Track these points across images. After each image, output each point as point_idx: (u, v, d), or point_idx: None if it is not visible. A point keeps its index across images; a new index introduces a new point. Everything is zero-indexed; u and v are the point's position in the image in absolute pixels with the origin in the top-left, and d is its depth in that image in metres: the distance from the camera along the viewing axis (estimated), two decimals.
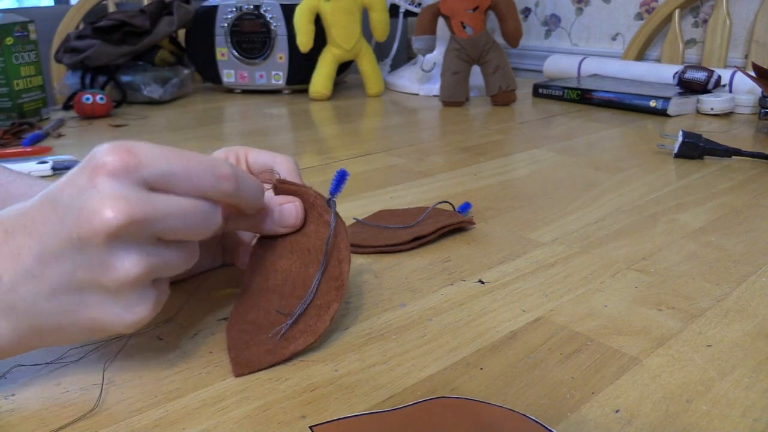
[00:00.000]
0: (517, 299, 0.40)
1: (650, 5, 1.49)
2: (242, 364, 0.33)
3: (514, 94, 1.08)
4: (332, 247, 0.36)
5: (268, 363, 0.33)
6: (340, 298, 0.34)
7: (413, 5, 1.24)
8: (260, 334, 0.34)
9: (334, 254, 0.36)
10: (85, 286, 0.28)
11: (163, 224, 0.28)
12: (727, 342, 0.35)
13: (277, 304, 0.36)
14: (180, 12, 1.14)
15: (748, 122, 0.93)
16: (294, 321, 0.34)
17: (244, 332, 0.35)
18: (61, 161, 0.72)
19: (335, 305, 0.34)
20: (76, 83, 1.08)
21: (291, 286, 0.36)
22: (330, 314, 0.34)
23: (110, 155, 0.28)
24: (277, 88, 1.21)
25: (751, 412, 0.29)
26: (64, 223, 0.27)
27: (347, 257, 0.35)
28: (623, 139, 0.83)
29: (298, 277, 0.36)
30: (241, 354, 0.33)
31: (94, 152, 0.28)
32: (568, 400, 0.30)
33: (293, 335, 0.34)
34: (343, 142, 0.84)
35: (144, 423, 0.29)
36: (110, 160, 0.27)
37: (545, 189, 0.63)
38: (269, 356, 0.33)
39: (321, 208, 0.36)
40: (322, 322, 0.34)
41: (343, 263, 0.35)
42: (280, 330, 0.34)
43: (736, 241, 0.49)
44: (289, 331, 0.34)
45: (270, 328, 0.35)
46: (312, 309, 0.35)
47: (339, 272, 0.35)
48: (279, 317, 0.35)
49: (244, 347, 0.34)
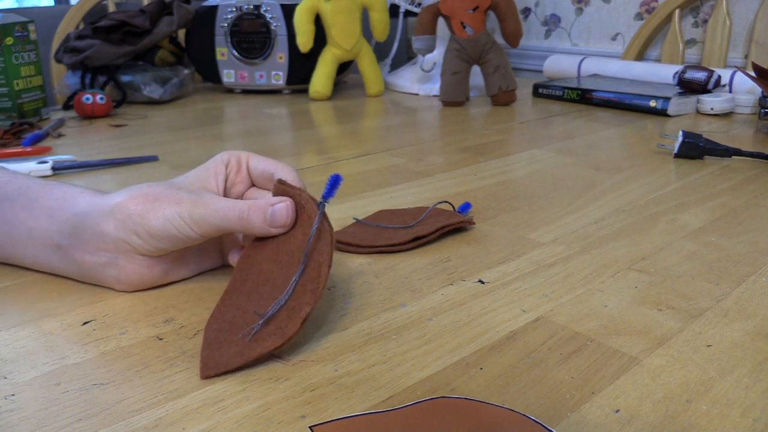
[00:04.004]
0: (517, 299, 0.40)
1: (650, 5, 1.49)
2: (210, 366, 0.32)
3: (514, 94, 1.08)
4: (313, 250, 0.35)
5: (236, 365, 0.32)
6: (313, 301, 0.33)
7: (413, 5, 1.24)
8: (234, 334, 0.34)
9: (314, 256, 0.35)
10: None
11: None
12: (727, 342, 0.35)
13: (256, 304, 0.35)
14: (180, 12, 1.14)
15: (748, 122, 0.93)
16: (265, 322, 0.34)
17: (219, 331, 0.35)
18: (61, 161, 0.72)
19: (307, 308, 0.33)
20: (76, 83, 1.08)
21: (270, 287, 0.36)
22: (301, 317, 0.33)
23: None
24: (277, 88, 1.21)
25: (751, 412, 0.29)
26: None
27: (328, 261, 0.34)
28: (623, 139, 0.83)
29: (278, 278, 0.36)
30: (211, 355, 0.33)
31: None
32: (568, 400, 0.30)
33: (263, 337, 0.33)
34: (343, 142, 0.84)
35: (144, 423, 0.29)
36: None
37: (545, 189, 0.63)
38: (237, 358, 0.33)
39: (311, 211, 0.36)
40: (293, 325, 0.33)
41: (323, 266, 0.34)
42: (251, 330, 0.34)
43: (736, 241, 0.49)
44: (260, 333, 0.33)
45: (244, 328, 0.34)
46: (284, 311, 0.34)
47: (317, 275, 0.34)
48: (255, 318, 0.35)
49: (216, 347, 0.34)
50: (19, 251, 0.43)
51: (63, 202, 0.41)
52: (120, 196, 0.39)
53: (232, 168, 0.43)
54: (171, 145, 0.83)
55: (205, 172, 0.42)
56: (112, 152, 0.79)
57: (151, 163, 0.75)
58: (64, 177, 0.69)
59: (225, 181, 0.43)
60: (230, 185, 0.43)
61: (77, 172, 0.71)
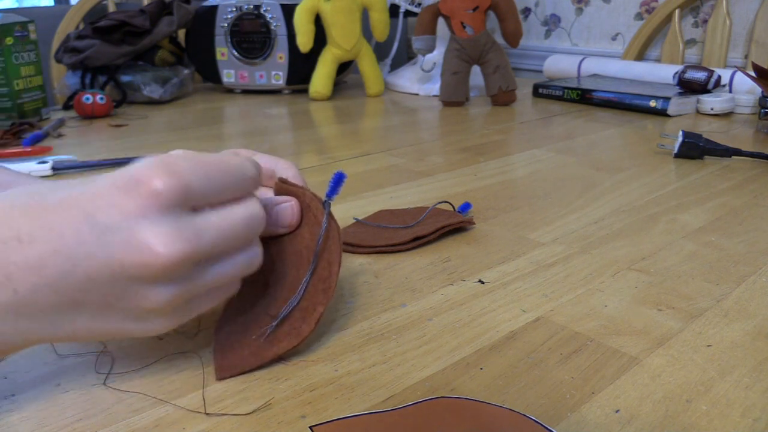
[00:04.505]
0: (517, 299, 0.40)
1: (650, 5, 1.49)
2: (225, 368, 0.33)
3: (514, 94, 1.08)
4: (322, 249, 0.35)
5: (251, 366, 0.33)
6: (326, 300, 0.34)
7: (413, 5, 1.24)
8: (247, 336, 0.34)
9: (324, 256, 0.35)
10: (110, 307, 0.27)
11: (212, 250, 0.28)
12: (727, 342, 0.35)
13: (267, 306, 0.36)
14: (180, 12, 1.14)
15: (748, 122, 0.93)
16: (279, 323, 0.34)
17: (231, 333, 0.35)
18: (61, 161, 0.72)
19: (321, 308, 0.34)
20: (76, 83, 1.08)
21: (281, 288, 0.36)
22: (315, 317, 0.33)
23: (157, 179, 0.26)
24: (277, 88, 1.21)
25: (751, 412, 0.29)
26: (104, 249, 0.26)
27: (337, 260, 0.35)
28: (623, 139, 0.83)
29: (288, 279, 0.36)
30: (225, 356, 0.33)
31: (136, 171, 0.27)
32: (568, 400, 0.30)
33: (278, 337, 0.33)
34: (343, 142, 0.84)
35: (144, 423, 0.29)
36: (159, 186, 0.26)
37: (545, 189, 0.63)
38: (253, 358, 0.33)
39: (316, 210, 0.36)
40: (307, 325, 0.33)
41: (333, 265, 0.35)
42: (265, 332, 0.34)
43: (736, 241, 0.49)
44: (274, 333, 0.34)
45: (257, 329, 0.34)
46: (298, 311, 0.34)
47: (328, 274, 0.34)
48: (267, 319, 0.35)
49: (230, 349, 0.34)
50: None
51: None
52: None
53: None
54: (171, 145, 0.83)
55: None
56: (112, 152, 0.79)
57: None
58: (64, 177, 0.69)
59: None
60: None
61: (77, 172, 0.71)
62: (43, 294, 0.26)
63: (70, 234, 0.26)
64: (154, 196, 0.26)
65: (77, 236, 0.26)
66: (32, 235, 0.26)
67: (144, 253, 0.26)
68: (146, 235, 0.26)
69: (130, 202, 0.26)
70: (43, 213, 0.26)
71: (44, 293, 0.26)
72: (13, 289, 0.26)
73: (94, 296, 0.27)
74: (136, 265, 0.26)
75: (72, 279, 0.26)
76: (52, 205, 0.27)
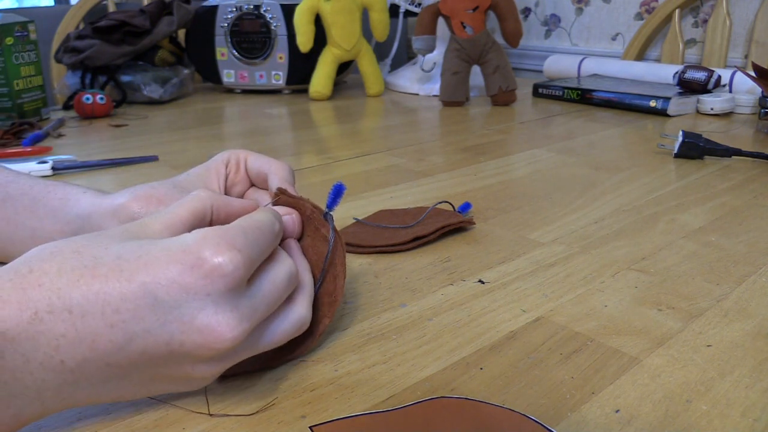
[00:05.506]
0: (517, 299, 0.40)
1: (650, 5, 1.49)
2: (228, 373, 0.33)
3: (514, 94, 1.08)
4: (329, 263, 0.35)
5: (254, 368, 0.33)
6: (331, 314, 0.34)
7: (413, 5, 1.24)
8: None
9: (330, 270, 0.35)
10: (161, 376, 0.27)
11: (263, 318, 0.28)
12: (727, 342, 0.35)
13: None
14: (180, 12, 1.14)
15: (748, 122, 0.93)
16: None
17: None
18: (61, 161, 0.72)
19: (327, 320, 0.34)
20: (76, 83, 1.08)
21: None
22: (321, 330, 0.34)
23: (221, 256, 0.26)
24: (277, 88, 1.21)
25: (751, 412, 0.29)
26: (164, 327, 0.25)
27: (342, 272, 0.35)
28: (623, 139, 0.83)
29: None
30: None
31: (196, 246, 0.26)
32: (568, 400, 0.30)
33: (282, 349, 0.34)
34: (343, 142, 0.84)
35: (144, 423, 0.29)
36: (225, 265, 0.26)
37: (545, 189, 0.63)
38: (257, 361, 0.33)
39: (318, 222, 0.36)
40: (312, 338, 0.34)
41: (338, 279, 0.35)
42: None
43: (736, 241, 0.49)
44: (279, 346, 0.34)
45: None
46: None
47: (333, 288, 0.35)
48: None
49: None
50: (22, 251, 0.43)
51: (65, 203, 0.41)
52: (123, 196, 0.39)
53: (231, 167, 0.43)
54: (171, 145, 0.83)
55: (207, 172, 0.42)
56: (112, 152, 0.79)
57: (151, 163, 0.75)
58: (64, 177, 0.69)
59: (225, 180, 0.42)
60: (230, 185, 0.43)
61: (77, 172, 0.71)
62: (94, 367, 0.25)
63: (126, 309, 0.25)
64: (220, 276, 0.25)
65: (135, 312, 0.25)
66: (84, 308, 0.25)
67: (207, 336, 0.25)
68: (211, 319, 0.25)
69: (192, 280, 0.25)
70: (95, 281, 0.25)
71: (95, 366, 0.25)
72: (60, 360, 0.25)
73: (147, 368, 0.26)
74: (198, 347, 0.26)
75: (125, 353, 0.25)
76: (104, 273, 0.25)
